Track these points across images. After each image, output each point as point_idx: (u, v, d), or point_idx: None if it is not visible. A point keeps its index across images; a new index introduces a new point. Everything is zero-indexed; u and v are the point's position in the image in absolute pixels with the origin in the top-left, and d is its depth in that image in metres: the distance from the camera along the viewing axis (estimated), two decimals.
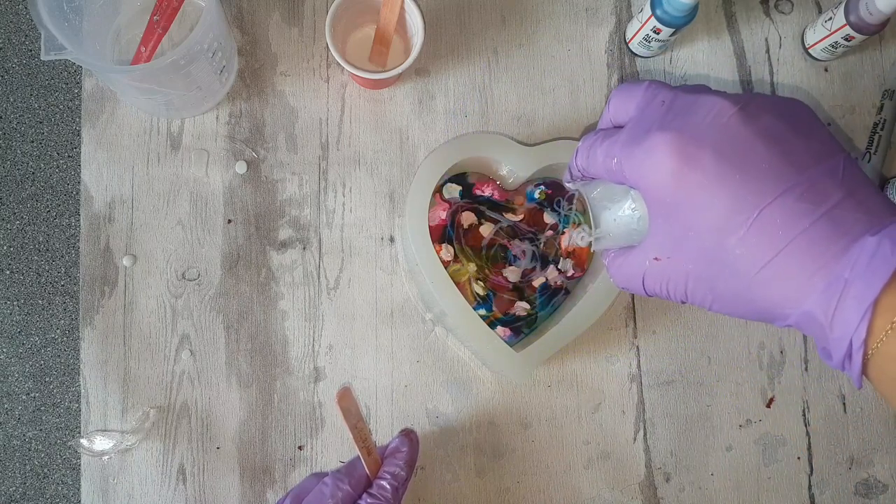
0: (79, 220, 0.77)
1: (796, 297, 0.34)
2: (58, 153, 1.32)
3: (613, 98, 0.42)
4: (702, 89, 0.39)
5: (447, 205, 0.58)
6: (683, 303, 0.40)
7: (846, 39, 0.59)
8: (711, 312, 0.39)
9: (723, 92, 0.39)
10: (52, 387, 1.28)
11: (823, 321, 0.34)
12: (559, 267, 0.58)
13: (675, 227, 0.37)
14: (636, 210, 0.42)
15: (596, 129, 0.44)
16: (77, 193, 1.29)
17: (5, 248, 1.30)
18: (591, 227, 0.46)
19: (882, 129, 0.62)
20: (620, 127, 0.41)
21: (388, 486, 0.47)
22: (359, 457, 0.48)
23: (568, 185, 0.46)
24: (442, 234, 0.58)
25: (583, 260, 0.59)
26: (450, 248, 0.57)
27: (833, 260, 0.33)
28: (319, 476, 0.49)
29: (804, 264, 0.34)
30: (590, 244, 0.46)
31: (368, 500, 0.47)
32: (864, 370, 0.34)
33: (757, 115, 0.36)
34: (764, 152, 0.35)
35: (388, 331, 0.60)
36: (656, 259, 0.39)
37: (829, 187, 0.35)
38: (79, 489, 0.74)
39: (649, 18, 0.57)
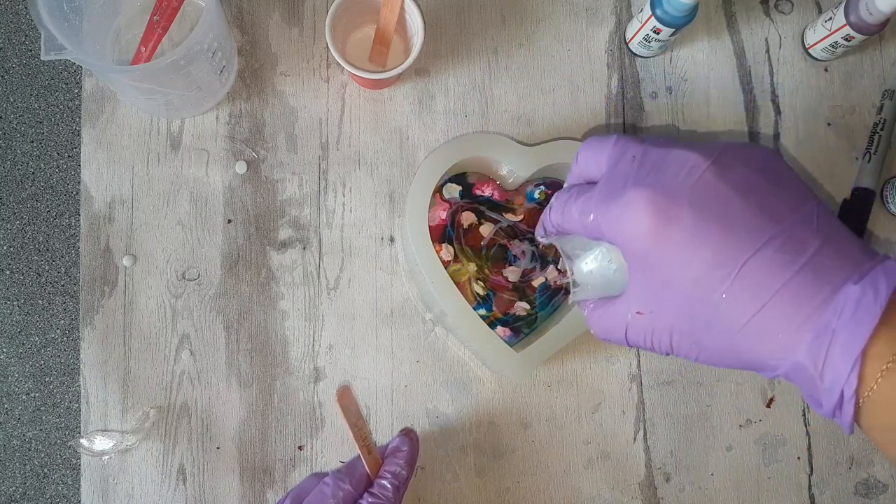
0: (79, 220, 0.77)
1: (784, 349, 0.34)
2: (58, 153, 1.32)
3: (582, 153, 0.42)
4: (670, 141, 0.39)
5: (447, 205, 0.58)
6: (668, 354, 0.40)
7: (846, 39, 0.59)
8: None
9: (692, 144, 0.39)
10: (52, 387, 1.28)
11: (813, 372, 0.34)
12: (559, 267, 0.58)
13: (655, 282, 0.37)
14: (612, 262, 0.42)
15: (566, 184, 0.44)
16: (77, 193, 1.29)
17: (5, 248, 1.30)
18: (569, 278, 0.45)
19: (882, 129, 0.62)
20: (592, 182, 0.41)
21: (389, 486, 0.47)
22: (359, 456, 0.48)
23: (541, 240, 0.46)
24: (442, 234, 0.58)
25: None
26: (450, 248, 0.57)
27: (818, 310, 0.33)
28: (320, 476, 0.49)
29: (790, 316, 0.34)
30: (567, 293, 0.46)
31: (369, 500, 0.47)
32: (856, 418, 0.34)
33: (730, 167, 0.36)
34: (740, 205, 0.35)
35: (388, 331, 0.60)
36: (639, 313, 0.39)
37: (806, 236, 0.35)
38: (79, 489, 0.74)
39: (649, 18, 0.57)
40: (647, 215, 0.36)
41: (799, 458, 0.61)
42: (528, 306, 0.57)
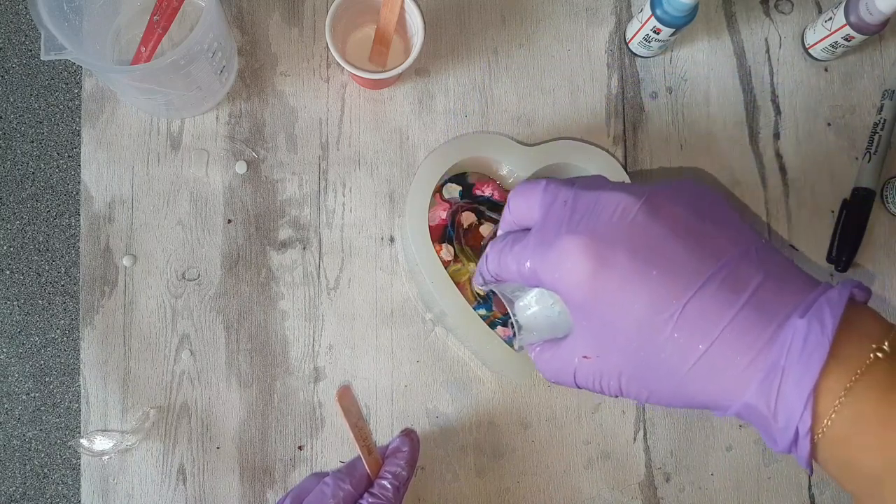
0: (79, 220, 0.77)
1: (734, 389, 0.34)
2: (58, 153, 1.32)
3: (513, 200, 0.42)
4: (600, 183, 0.39)
5: (447, 205, 0.58)
6: (617, 396, 0.39)
7: (846, 39, 0.59)
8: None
9: (621, 184, 0.39)
10: (52, 387, 1.28)
11: (766, 412, 0.33)
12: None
13: (598, 327, 0.36)
14: (555, 304, 0.41)
15: (499, 231, 0.44)
16: (77, 193, 1.29)
17: (5, 248, 1.30)
18: (514, 326, 0.44)
19: (882, 129, 0.62)
20: (527, 229, 0.41)
21: (389, 486, 0.47)
22: (359, 456, 0.48)
23: (480, 288, 0.45)
24: (442, 234, 0.58)
25: None
26: (450, 248, 0.57)
27: (766, 348, 0.33)
28: (320, 476, 0.49)
29: (737, 356, 0.33)
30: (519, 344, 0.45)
31: (370, 500, 0.47)
32: (812, 454, 0.34)
33: (662, 206, 0.36)
34: (676, 245, 0.35)
35: (388, 331, 0.60)
36: (585, 357, 0.38)
37: (747, 271, 0.34)
38: (79, 489, 0.74)
39: (649, 18, 0.57)
40: (584, 262, 0.35)
41: None
42: None
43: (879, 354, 0.32)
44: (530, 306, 0.43)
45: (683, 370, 0.34)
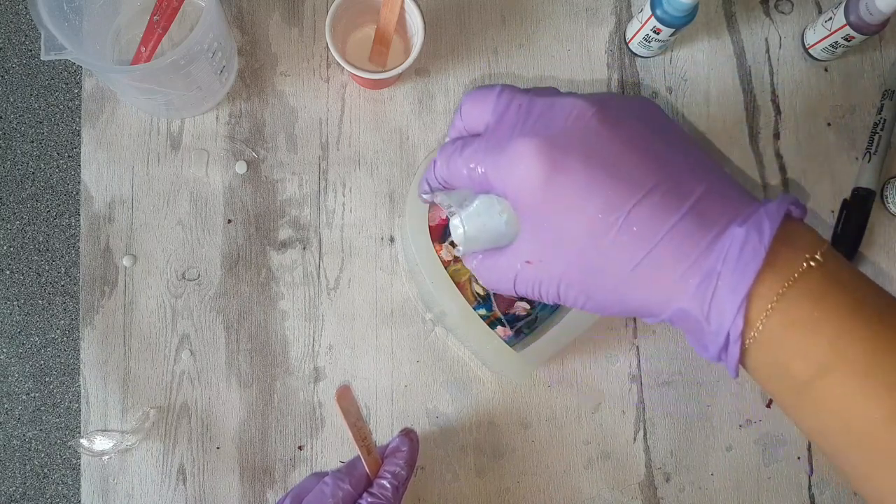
0: (79, 220, 0.77)
1: (670, 293, 0.35)
2: (58, 153, 1.32)
3: (465, 104, 0.41)
4: (555, 91, 0.39)
5: None
6: (556, 304, 0.39)
7: (846, 39, 0.59)
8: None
9: (574, 93, 0.39)
10: (52, 387, 1.28)
11: (699, 316, 0.34)
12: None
13: (545, 231, 0.37)
14: (502, 213, 0.41)
15: (448, 137, 0.43)
16: (77, 193, 1.29)
17: (5, 248, 1.30)
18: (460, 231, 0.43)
19: (882, 129, 0.62)
20: (477, 135, 0.41)
21: (388, 486, 0.47)
22: (359, 456, 0.48)
23: (424, 197, 0.44)
24: (442, 234, 0.58)
25: None
26: (450, 248, 0.57)
27: (703, 254, 0.34)
28: (319, 476, 0.49)
29: (676, 260, 0.34)
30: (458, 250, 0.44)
31: (369, 500, 0.47)
32: (741, 360, 0.35)
33: (615, 114, 0.36)
34: (626, 152, 0.35)
35: (388, 331, 0.60)
36: (528, 262, 0.39)
37: (690, 182, 0.35)
38: (79, 489, 0.74)
39: (649, 18, 0.57)
40: (537, 165, 0.35)
41: (799, 458, 0.61)
42: (528, 306, 0.57)
43: (812, 264, 0.33)
44: (476, 214, 0.42)
45: (623, 275, 0.35)
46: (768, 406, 0.61)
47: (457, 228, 0.42)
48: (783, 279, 0.33)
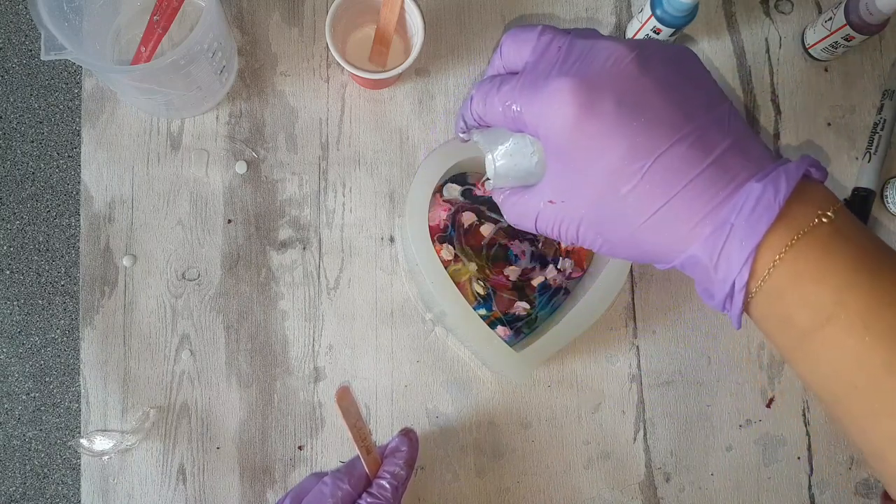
0: (79, 220, 0.77)
1: (683, 241, 0.36)
2: (58, 153, 1.32)
3: (505, 43, 0.42)
4: (594, 33, 0.40)
5: (447, 205, 0.58)
6: (573, 244, 0.40)
7: (846, 39, 0.59)
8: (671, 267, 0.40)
9: (615, 37, 0.39)
10: (52, 387, 1.28)
11: (708, 264, 0.35)
12: (558, 266, 0.58)
13: (571, 172, 0.38)
14: (534, 154, 0.42)
15: (486, 75, 0.43)
16: (77, 193, 1.29)
17: (5, 248, 1.30)
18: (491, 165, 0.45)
19: (882, 129, 0.62)
20: (514, 73, 0.41)
21: (387, 486, 0.47)
22: (358, 456, 0.48)
23: (461, 136, 0.45)
24: (442, 234, 0.58)
25: (582, 259, 0.59)
26: (450, 247, 0.57)
27: (720, 206, 0.35)
28: (319, 476, 0.49)
29: (692, 210, 0.35)
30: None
31: (368, 500, 0.47)
32: (746, 309, 0.36)
33: (651, 61, 0.37)
34: (659, 100, 0.36)
35: (388, 331, 0.60)
36: (551, 202, 0.39)
37: (716, 135, 0.36)
38: (79, 489, 0.74)
39: (649, 18, 0.57)
40: (571, 104, 0.36)
41: (799, 458, 0.61)
42: (527, 306, 0.57)
43: (824, 220, 0.34)
44: (508, 153, 0.43)
45: (640, 220, 0.36)
46: (768, 406, 0.61)
47: (490, 165, 0.43)
48: (793, 232, 0.34)
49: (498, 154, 0.43)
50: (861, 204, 0.62)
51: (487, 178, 0.44)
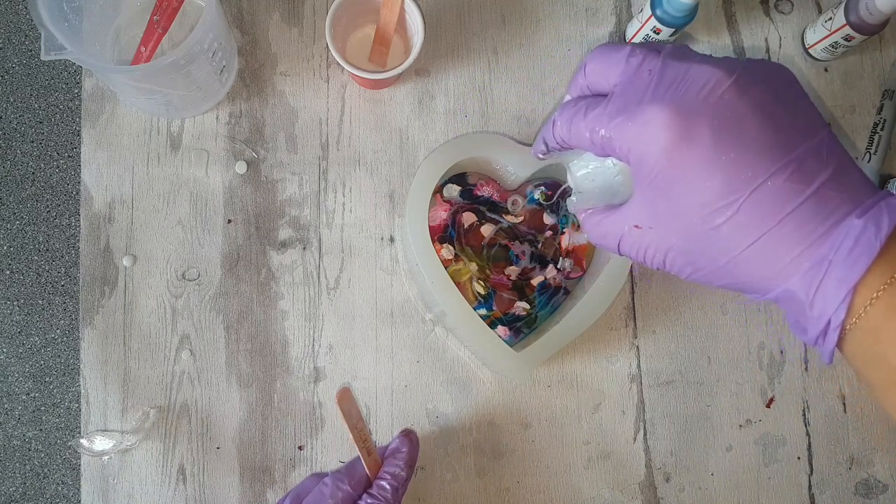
0: (79, 220, 0.77)
1: (779, 275, 0.35)
2: (58, 153, 1.32)
3: (590, 62, 0.40)
4: (688, 53, 0.39)
5: (447, 205, 0.58)
6: (658, 269, 0.40)
7: (846, 39, 0.59)
8: (688, 281, 0.39)
9: (710, 57, 0.38)
10: (52, 387, 1.28)
11: (804, 299, 0.35)
12: (558, 266, 0.58)
13: (662, 200, 0.37)
14: (618, 174, 0.41)
15: (568, 95, 0.42)
16: (77, 193, 1.29)
17: (5, 248, 1.30)
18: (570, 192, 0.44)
19: (882, 129, 0.62)
20: (599, 94, 0.40)
21: (388, 487, 0.47)
22: (359, 457, 0.48)
23: (540, 157, 0.44)
24: (442, 234, 0.58)
25: (582, 259, 0.59)
26: (450, 248, 0.57)
27: (818, 241, 0.34)
28: (319, 476, 0.49)
29: (791, 244, 0.34)
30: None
31: (368, 501, 0.47)
32: (839, 346, 0.35)
33: (750, 86, 0.36)
34: (757, 130, 0.35)
35: (388, 331, 0.60)
36: (637, 227, 0.39)
37: (815, 165, 0.35)
38: (79, 489, 0.74)
39: (649, 18, 0.57)
40: (666, 133, 0.35)
41: (799, 458, 0.61)
42: (527, 306, 0.57)
43: None
44: (590, 171, 0.42)
45: (735, 252, 0.35)
46: (768, 406, 0.61)
47: (572, 181, 0.42)
48: (892, 270, 0.33)
49: (578, 169, 0.42)
50: None
51: (567, 195, 0.43)
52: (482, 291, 0.57)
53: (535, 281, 0.58)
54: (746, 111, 0.35)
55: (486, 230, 0.58)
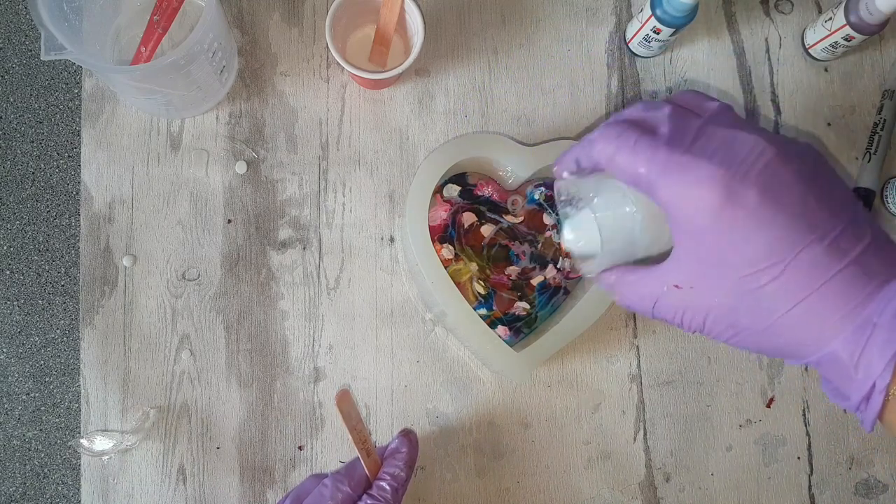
0: (79, 220, 0.77)
1: (822, 338, 0.35)
2: (58, 153, 1.32)
3: (640, 106, 0.40)
4: (731, 117, 0.39)
5: (447, 205, 0.58)
6: (694, 332, 0.39)
7: (846, 39, 0.59)
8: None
9: (752, 126, 0.39)
10: (52, 387, 1.28)
11: (848, 363, 0.35)
12: (558, 266, 0.58)
13: (705, 259, 0.37)
14: (636, 213, 0.40)
15: (623, 114, 0.41)
16: (77, 193, 1.29)
17: (5, 248, 1.30)
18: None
19: (882, 129, 0.62)
20: (649, 129, 0.39)
21: (387, 487, 0.47)
22: (358, 458, 0.48)
23: (563, 175, 0.43)
24: (442, 234, 0.58)
25: None
26: (450, 248, 0.57)
27: (862, 304, 0.35)
28: (319, 477, 0.49)
29: (834, 307, 0.35)
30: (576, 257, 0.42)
31: (368, 501, 0.47)
32: (880, 413, 0.35)
33: (791, 157, 0.37)
34: (802, 195, 0.36)
35: (388, 331, 0.60)
36: (676, 287, 0.38)
37: (855, 233, 0.36)
38: (79, 489, 0.74)
39: (649, 18, 0.57)
40: (715, 192, 0.35)
41: (799, 458, 0.61)
42: (527, 306, 0.57)
43: None
44: (611, 224, 0.40)
45: (777, 314, 0.36)
46: (768, 406, 0.61)
47: (579, 235, 0.40)
48: None
49: (597, 210, 0.40)
50: (861, 204, 0.62)
51: (584, 258, 0.41)
52: (482, 291, 0.57)
53: (535, 281, 0.58)
54: (791, 179, 0.36)
55: (486, 230, 0.58)
